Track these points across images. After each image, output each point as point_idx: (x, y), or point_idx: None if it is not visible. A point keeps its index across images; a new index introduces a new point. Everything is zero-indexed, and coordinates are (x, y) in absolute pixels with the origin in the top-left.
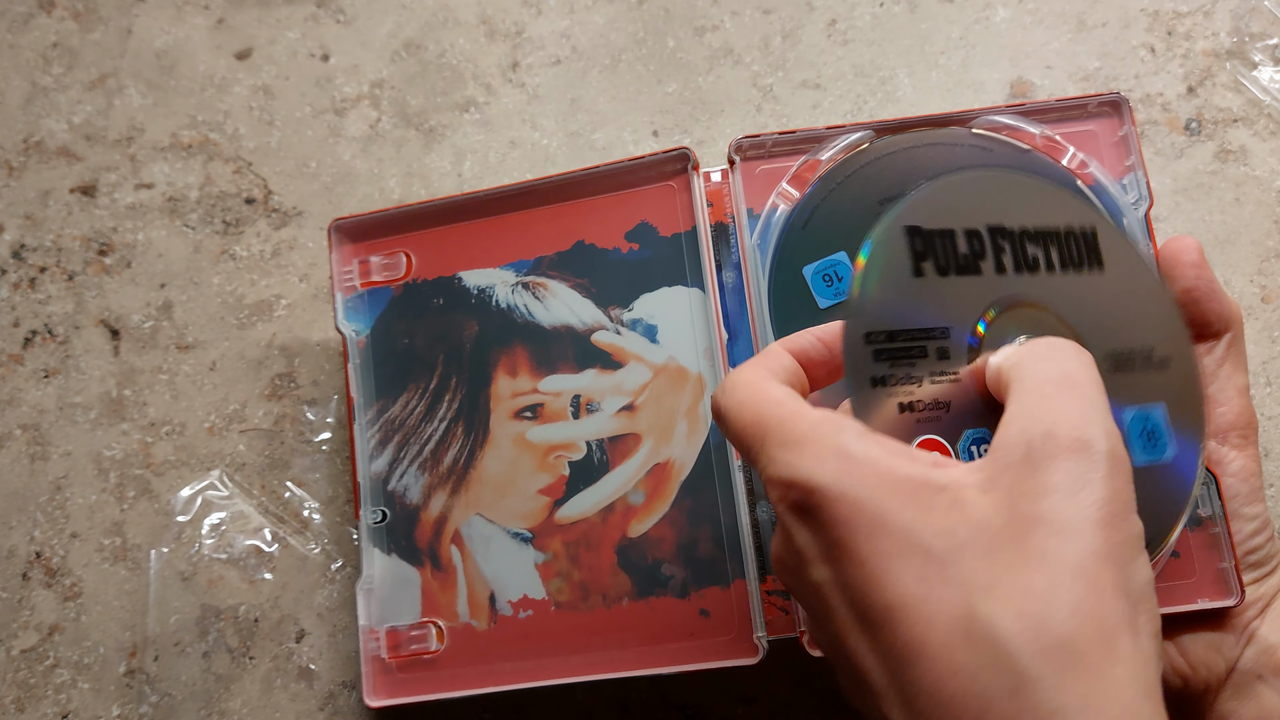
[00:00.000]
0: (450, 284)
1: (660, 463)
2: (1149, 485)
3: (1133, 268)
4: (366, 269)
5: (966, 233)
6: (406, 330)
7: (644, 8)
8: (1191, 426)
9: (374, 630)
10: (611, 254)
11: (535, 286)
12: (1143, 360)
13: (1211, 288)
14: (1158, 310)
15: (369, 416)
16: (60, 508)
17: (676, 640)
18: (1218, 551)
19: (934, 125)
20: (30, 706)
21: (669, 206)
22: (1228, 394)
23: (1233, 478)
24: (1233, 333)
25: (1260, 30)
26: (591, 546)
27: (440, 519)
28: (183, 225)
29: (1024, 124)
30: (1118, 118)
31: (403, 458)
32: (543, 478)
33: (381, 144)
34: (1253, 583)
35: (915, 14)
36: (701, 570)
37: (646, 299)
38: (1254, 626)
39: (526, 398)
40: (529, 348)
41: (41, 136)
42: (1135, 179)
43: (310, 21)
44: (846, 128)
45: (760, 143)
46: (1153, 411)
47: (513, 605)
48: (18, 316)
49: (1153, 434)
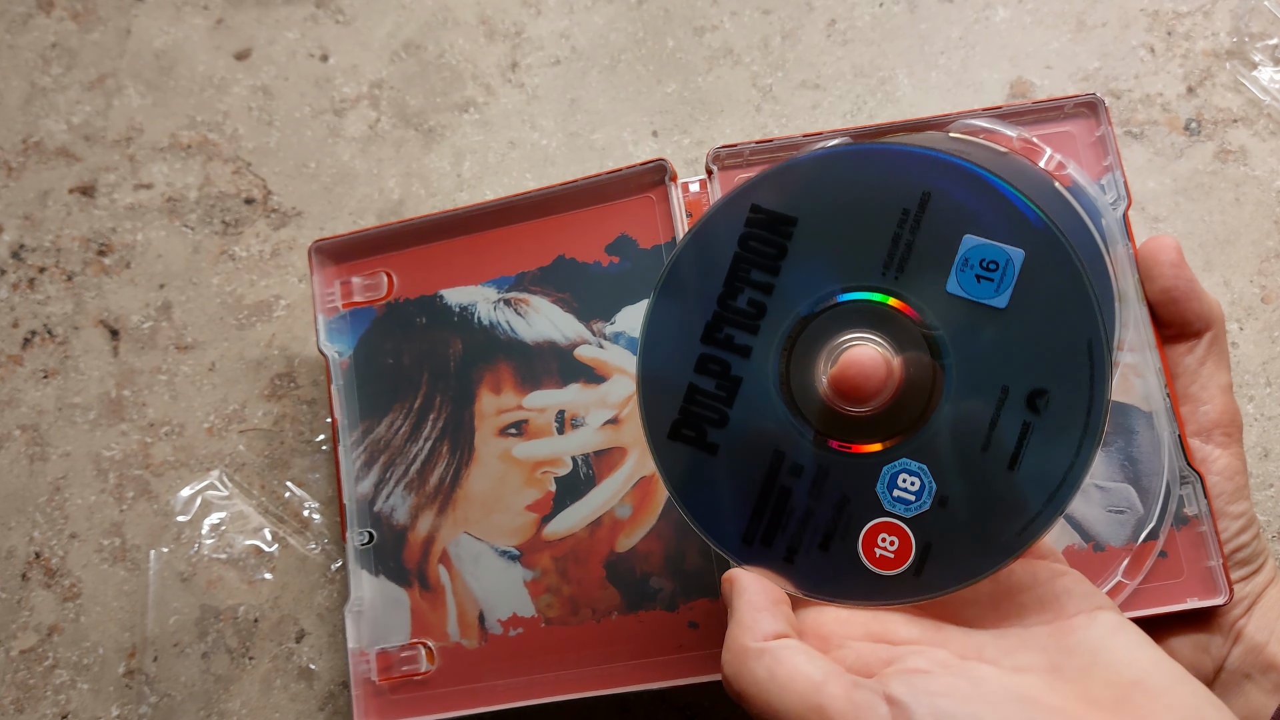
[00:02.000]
0: (432, 302)
1: (646, 476)
2: None
3: None
4: (348, 289)
5: None
6: (390, 350)
7: (643, 8)
8: None
9: (364, 652)
10: (592, 267)
11: (517, 302)
12: None
13: (1190, 287)
14: None
15: (354, 437)
16: (59, 508)
17: (667, 653)
18: (1205, 550)
19: (910, 130)
20: (29, 707)
21: (648, 218)
22: (1210, 392)
23: (1217, 476)
24: (1213, 331)
25: (1260, 30)
26: (580, 561)
27: (428, 539)
28: (182, 225)
29: (1001, 127)
30: (1094, 119)
31: (389, 478)
32: (529, 494)
33: (381, 144)
34: (1239, 581)
35: (915, 14)
36: (690, 582)
37: (628, 311)
38: (1240, 625)
39: (511, 414)
40: (512, 364)
41: (41, 137)
42: (1113, 179)
43: (309, 22)
44: (823, 135)
45: (737, 152)
46: None
47: (502, 623)
48: (17, 317)
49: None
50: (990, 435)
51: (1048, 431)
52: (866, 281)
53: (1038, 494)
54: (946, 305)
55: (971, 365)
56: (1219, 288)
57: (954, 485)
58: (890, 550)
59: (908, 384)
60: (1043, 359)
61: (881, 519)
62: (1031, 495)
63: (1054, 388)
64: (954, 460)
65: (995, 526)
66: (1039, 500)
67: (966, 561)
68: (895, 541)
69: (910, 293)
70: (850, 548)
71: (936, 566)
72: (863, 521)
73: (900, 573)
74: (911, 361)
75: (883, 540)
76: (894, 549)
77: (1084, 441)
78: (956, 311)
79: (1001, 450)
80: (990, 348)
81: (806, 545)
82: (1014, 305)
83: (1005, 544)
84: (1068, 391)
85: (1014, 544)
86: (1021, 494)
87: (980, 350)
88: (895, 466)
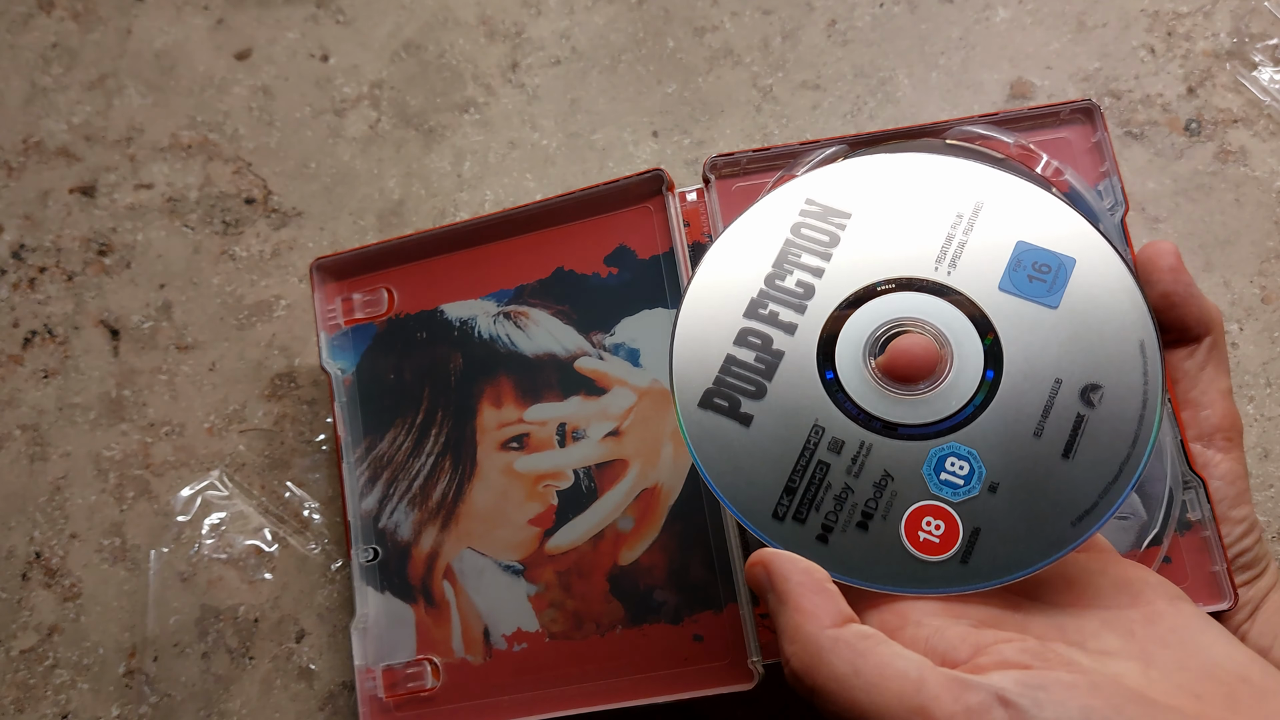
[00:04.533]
0: (433, 317)
1: (648, 487)
2: None
3: None
4: (349, 306)
5: None
6: (392, 366)
7: (644, 8)
8: None
9: (370, 670)
10: (591, 279)
11: (517, 316)
12: None
13: (1190, 291)
14: None
15: (357, 454)
16: (60, 508)
17: (671, 667)
18: (1209, 555)
19: (907, 137)
20: (29, 707)
21: (646, 229)
22: (1210, 397)
23: (1219, 480)
24: (1213, 336)
25: (1260, 31)
26: (583, 575)
27: (432, 554)
28: (182, 225)
29: (997, 133)
30: (1090, 124)
31: (392, 494)
32: (532, 508)
33: (381, 144)
34: (1242, 585)
35: (915, 14)
36: (694, 595)
37: (628, 322)
38: (1244, 630)
39: (512, 428)
40: (513, 378)
41: (41, 136)
42: (1110, 184)
43: (310, 22)
44: (820, 143)
45: (734, 160)
46: None
47: (507, 639)
48: (17, 317)
49: None
50: (1043, 423)
51: (1102, 424)
52: (920, 274)
53: (1093, 484)
54: (999, 300)
55: (1024, 355)
56: (1219, 288)
57: (1006, 472)
58: (935, 535)
59: (958, 370)
60: (1095, 356)
61: (927, 502)
62: (1087, 485)
63: (1107, 383)
64: (1006, 446)
65: (1049, 516)
66: (1095, 491)
67: (1018, 550)
68: (941, 526)
69: (963, 286)
70: (892, 529)
71: (985, 554)
72: (906, 503)
73: (946, 559)
74: (963, 348)
75: (927, 524)
76: (939, 534)
77: (1139, 435)
78: (1009, 307)
79: (1056, 438)
80: (1042, 342)
81: (843, 524)
82: (1066, 306)
83: (1059, 535)
84: (1121, 386)
85: (1069, 535)
86: (1077, 483)
87: (1033, 343)
88: (944, 450)
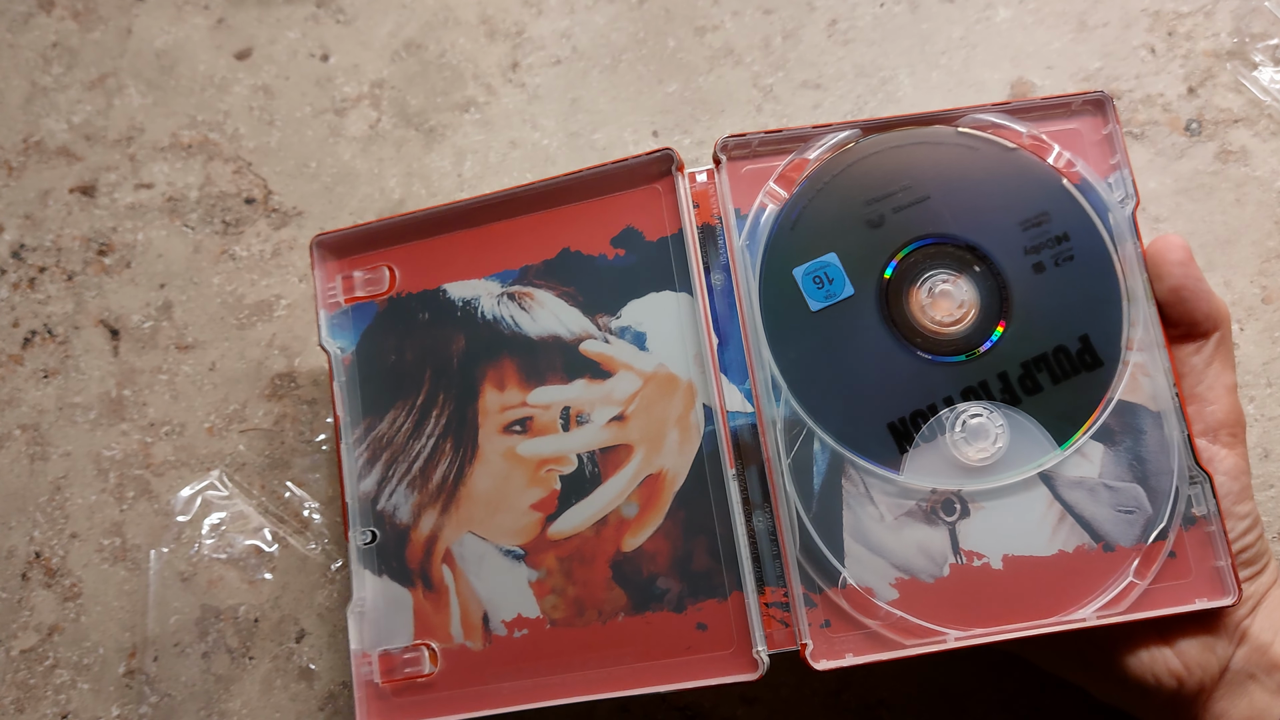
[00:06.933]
0: (435, 297)
1: (653, 473)
2: None
3: None
4: (350, 284)
5: None
6: (393, 346)
7: (644, 8)
8: None
9: (366, 654)
10: (598, 260)
11: (521, 297)
12: None
13: (1199, 286)
14: None
15: (356, 435)
16: (60, 508)
17: (674, 655)
18: (1213, 550)
19: (920, 124)
20: (30, 707)
21: (654, 210)
22: (1216, 392)
23: (1224, 476)
24: (1221, 332)
25: (1261, 31)
26: (585, 561)
27: (431, 538)
28: (182, 225)
29: (1010, 122)
30: (1101, 116)
31: (391, 476)
32: (534, 492)
33: (382, 144)
34: (1244, 580)
35: (916, 14)
36: (698, 583)
37: (634, 305)
38: (1245, 625)
39: (515, 411)
40: (516, 360)
41: (41, 136)
42: (1121, 177)
43: (310, 21)
44: (833, 126)
45: (746, 142)
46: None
47: (507, 625)
48: (17, 316)
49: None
50: None
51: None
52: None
53: None
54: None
55: None
56: (1220, 288)
57: None
58: None
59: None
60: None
61: None
62: None
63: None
64: None
65: None
66: None
67: None
68: None
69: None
70: None
71: None
72: None
73: None
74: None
75: None
76: None
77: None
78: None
79: None
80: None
81: None
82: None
83: None
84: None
85: None
86: None
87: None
88: None
